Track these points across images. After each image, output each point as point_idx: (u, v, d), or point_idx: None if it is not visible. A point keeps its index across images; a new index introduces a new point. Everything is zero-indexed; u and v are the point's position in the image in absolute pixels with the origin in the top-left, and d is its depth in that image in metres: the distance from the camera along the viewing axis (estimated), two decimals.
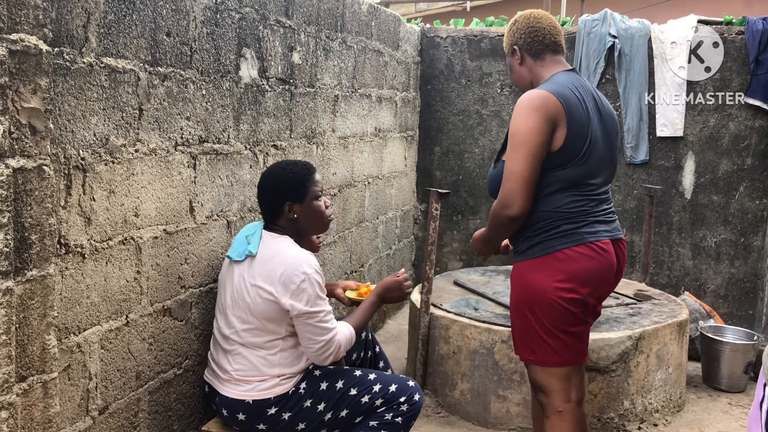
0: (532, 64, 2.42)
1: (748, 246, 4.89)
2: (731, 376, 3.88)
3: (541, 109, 2.19)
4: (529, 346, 2.35)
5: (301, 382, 2.44)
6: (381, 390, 2.47)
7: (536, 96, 2.22)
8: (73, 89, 1.96)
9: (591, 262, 2.28)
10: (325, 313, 2.38)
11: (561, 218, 2.28)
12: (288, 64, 3.24)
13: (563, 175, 2.26)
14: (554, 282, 2.25)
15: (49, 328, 1.73)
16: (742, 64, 4.74)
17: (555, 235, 2.27)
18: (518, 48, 2.42)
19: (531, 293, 2.29)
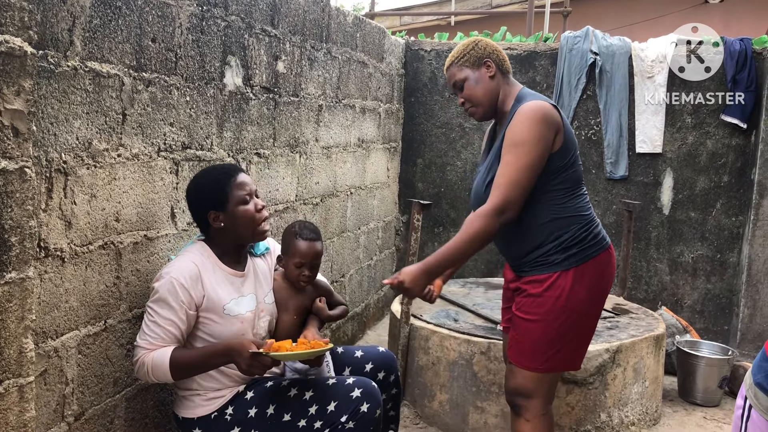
0: (501, 80, 2.45)
1: (724, 262, 4.96)
2: (706, 390, 3.93)
3: (545, 119, 2.25)
4: (544, 355, 2.35)
5: (228, 406, 2.28)
6: (318, 411, 2.23)
7: (540, 106, 2.27)
8: (57, 92, 1.96)
9: (611, 267, 2.44)
10: (154, 319, 2.14)
11: (587, 223, 2.38)
12: (273, 72, 3.26)
13: (571, 175, 2.36)
14: (591, 289, 2.35)
15: (26, 332, 1.71)
16: (719, 83, 4.83)
17: (590, 241, 2.36)
18: (492, 61, 2.43)
19: (568, 303, 2.32)
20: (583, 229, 2.36)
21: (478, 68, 2.44)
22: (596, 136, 5.11)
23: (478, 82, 2.44)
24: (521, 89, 2.45)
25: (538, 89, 5.20)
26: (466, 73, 2.45)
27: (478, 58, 2.44)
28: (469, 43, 2.48)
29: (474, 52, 2.44)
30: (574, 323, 2.34)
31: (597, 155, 5.13)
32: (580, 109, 5.11)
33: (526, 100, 2.34)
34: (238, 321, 2.29)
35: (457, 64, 2.46)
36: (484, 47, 2.45)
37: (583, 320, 2.38)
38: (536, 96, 2.38)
